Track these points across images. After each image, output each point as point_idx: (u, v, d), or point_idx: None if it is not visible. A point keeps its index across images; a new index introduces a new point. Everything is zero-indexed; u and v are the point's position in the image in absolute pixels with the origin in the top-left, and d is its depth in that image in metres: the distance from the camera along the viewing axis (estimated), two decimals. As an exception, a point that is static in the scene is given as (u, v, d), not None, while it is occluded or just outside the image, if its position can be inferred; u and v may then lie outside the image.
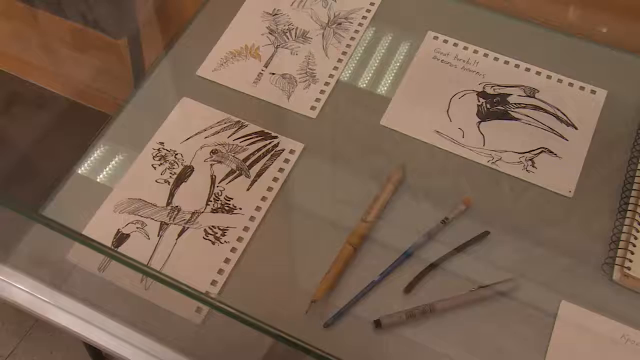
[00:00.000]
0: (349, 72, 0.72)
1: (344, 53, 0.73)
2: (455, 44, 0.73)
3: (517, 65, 0.71)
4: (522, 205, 0.63)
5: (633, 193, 0.62)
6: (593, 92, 0.70)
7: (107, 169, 0.66)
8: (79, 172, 0.66)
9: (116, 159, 0.67)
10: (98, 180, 0.66)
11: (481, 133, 0.67)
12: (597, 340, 0.55)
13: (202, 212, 0.62)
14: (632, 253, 0.58)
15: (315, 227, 0.62)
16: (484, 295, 0.58)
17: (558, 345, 0.55)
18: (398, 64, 0.72)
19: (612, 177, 0.64)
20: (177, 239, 0.60)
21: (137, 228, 0.60)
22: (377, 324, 0.56)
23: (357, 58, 0.73)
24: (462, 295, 0.57)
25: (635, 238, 0.59)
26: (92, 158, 0.67)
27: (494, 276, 0.58)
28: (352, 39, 0.74)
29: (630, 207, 0.61)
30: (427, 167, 0.65)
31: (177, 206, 0.62)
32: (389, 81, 0.71)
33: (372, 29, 0.75)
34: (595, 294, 0.58)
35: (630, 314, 0.57)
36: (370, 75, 0.72)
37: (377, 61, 0.73)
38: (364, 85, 0.71)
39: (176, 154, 0.65)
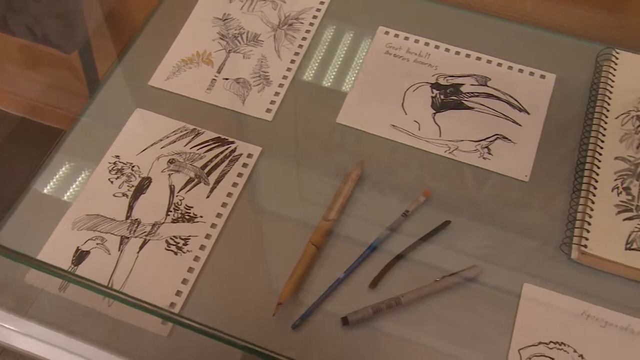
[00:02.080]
0: (303, 72, 0.72)
1: (297, 54, 0.73)
2: (406, 38, 0.74)
3: (468, 55, 0.72)
4: (480, 192, 0.64)
5: (586, 173, 0.63)
6: (542, 77, 0.71)
7: (63, 185, 0.65)
8: (34, 190, 0.65)
9: (72, 175, 0.66)
10: (54, 197, 0.64)
11: (437, 124, 0.68)
12: (559, 317, 0.56)
13: (163, 223, 0.61)
14: (588, 231, 0.60)
15: (279, 229, 0.62)
16: (449, 283, 0.58)
17: (523, 325, 0.56)
18: (351, 61, 0.73)
19: (565, 158, 0.66)
20: (138, 252, 0.59)
21: (97, 244, 0.60)
22: (345, 321, 0.56)
23: (310, 58, 0.73)
24: (428, 286, 0.58)
25: (590, 217, 0.60)
26: (47, 175, 0.65)
27: (458, 264, 0.59)
28: (304, 39, 0.74)
29: (583, 187, 0.63)
30: (385, 162, 0.66)
31: (136, 219, 0.61)
32: (343, 79, 0.71)
33: (323, 28, 0.75)
34: (555, 274, 0.59)
35: (590, 291, 0.58)
36: (324, 74, 0.72)
37: (330, 59, 0.73)
38: (319, 84, 0.71)
39: (133, 166, 0.64)
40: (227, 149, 0.66)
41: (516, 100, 0.69)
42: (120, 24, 0.81)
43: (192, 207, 0.62)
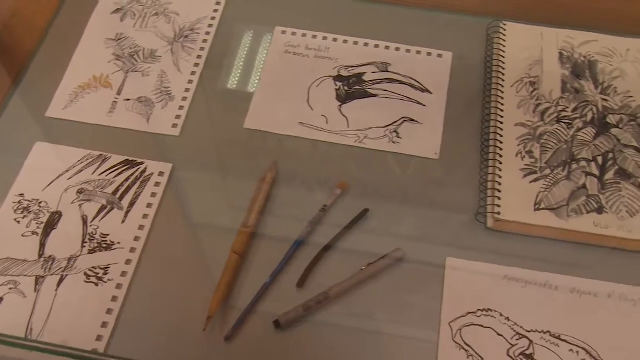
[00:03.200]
0: (206, 82, 0.71)
1: (197, 65, 0.72)
2: (304, 35, 0.74)
3: (366, 44, 0.74)
4: (395, 175, 0.65)
5: (491, 143, 0.66)
6: (440, 56, 0.73)
7: (-32, 234, 0.62)
8: (-63, 244, 0.61)
9: (-24, 221, 0.63)
10: (-40, 248, 0.61)
11: (344, 116, 0.68)
12: (483, 285, 0.58)
13: (79, 255, 0.59)
14: (499, 199, 0.62)
15: (202, 241, 0.62)
16: (375, 270, 0.59)
17: (450, 298, 0.57)
18: (253, 65, 0.72)
19: (471, 131, 0.68)
20: (57, 290, 0.57)
21: (10, 289, 0.57)
22: (277, 324, 0.56)
23: (212, 67, 0.72)
24: (354, 276, 0.58)
25: (500, 184, 0.63)
26: (-51, 226, 0.62)
27: (383, 248, 0.60)
28: (202, 49, 0.73)
29: (490, 156, 0.65)
30: (299, 160, 0.66)
31: (50, 256, 0.59)
32: (247, 83, 0.71)
33: (220, 36, 0.75)
34: (475, 243, 0.61)
35: (509, 255, 0.60)
36: (227, 81, 0.71)
37: (232, 66, 0.72)
38: (223, 92, 0.71)
39: (40, 203, 0.62)
40: (137, 170, 0.65)
41: (418, 82, 0.71)
42: (8, 56, 0.78)
43: (108, 235, 0.61)
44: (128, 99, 0.69)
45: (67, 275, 0.58)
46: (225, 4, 0.77)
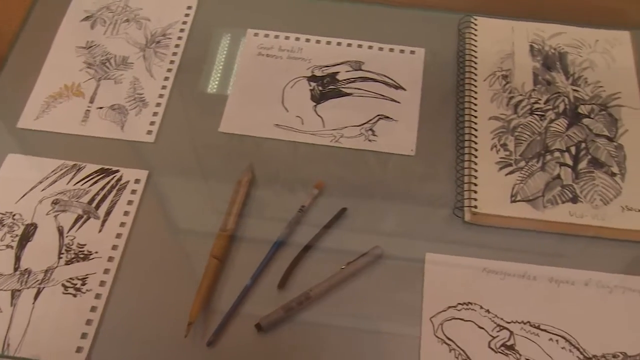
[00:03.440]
0: (179, 87, 0.71)
1: (169, 70, 0.71)
2: (276, 36, 0.74)
3: (339, 44, 0.74)
4: (372, 173, 0.65)
5: (466, 137, 0.66)
6: (412, 52, 0.73)
7: (-59, 250, 0.61)
8: None
9: (-50, 237, 0.62)
10: None
11: (319, 116, 0.68)
12: (463, 279, 0.58)
13: (56, 267, 0.59)
14: (475, 192, 0.62)
15: (181, 248, 0.61)
16: (355, 268, 0.59)
17: (431, 294, 0.58)
18: (226, 68, 0.72)
19: (445, 127, 0.68)
20: (34, 303, 0.57)
21: (-15, 304, 0.56)
22: (259, 327, 0.56)
23: (185, 71, 0.72)
24: (334, 275, 0.59)
25: (476, 177, 0.63)
26: None
27: (363, 246, 0.60)
28: (175, 54, 0.72)
29: (465, 150, 0.65)
30: (276, 161, 0.66)
31: (26, 269, 0.58)
32: (221, 87, 0.71)
33: (192, 40, 0.74)
34: (453, 238, 0.61)
35: (487, 248, 0.60)
36: (201, 85, 0.71)
37: (205, 70, 0.72)
38: (197, 96, 0.70)
39: (14, 215, 0.61)
40: (112, 178, 0.64)
41: (391, 79, 0.71)
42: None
43: (85, 245, 0.60)
44: (101, 107, 0.69)
45: (44, 287, 0.58)
46: (197, 8, 0.76)
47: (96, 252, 0.60)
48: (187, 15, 0.76)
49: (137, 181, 0.64)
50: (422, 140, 0.67)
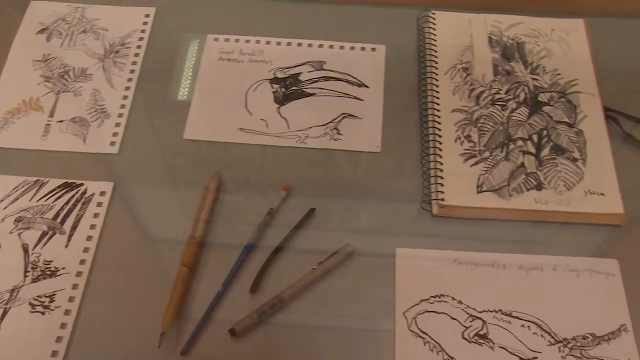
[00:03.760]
0: (141, 96, 0.70)
1: (130, 79, 0.70)
2: (236, 40, 0.74)
3: (300, 44, 0.74)
4: (339, 172, 0.65)
5: (430, 131, 0.67)
6: (373, 49, 0.74)
7: None
8: None
9: None
10: None
11: (283, 117, 0.68)
12: (434, 272, 0.59)
13: (22, 285, 0.57)
14: (442, 185, 0.63)
15: (150, 258, 0.60)
16: (326, 267, 0.59)
17: (403, 288, 0.58)
18: (187, 75, 0.72)
19: (410, 122, 0.69)
20: (0, 324, 0.55)
21: (-50, 328, 0.55)
22: (233, 332, 0.55)
23: (146, 80, 0.71)
24: (307, 276, 0.58)
25: (441, 170, 0.64)
26: None
27: (333, 245, 0.60)
28: (134, 63, 0.72)
29: (430, 144, 0.66)
30: (242, 166, 0.66)
31: (-8, 289, 0.57)
32: (183, 94, 0.70)
33: (152, 48, 0.73)
34: (422, 231, 0.62)
35: (456, 239, 0.61)
36: (162, 93, 0.70)
37: (166, 77, 0.71)
38: (160, 105, 0.70)
39: (-24, 236, 0.60)
40: (77, 192, 0.63)
41: (354, 77, 0.71)
42: None
43: (51, 261, 0.59)
44: (61, 121, 0.67)
45: (10, 307, 0.56)
46: (155, 16, 0.76)
47: (63, 268, 0.59)
48: (145, 23, 0.75)
49: (102, 193, 0.63)
50: (387, 136, 0.67)
